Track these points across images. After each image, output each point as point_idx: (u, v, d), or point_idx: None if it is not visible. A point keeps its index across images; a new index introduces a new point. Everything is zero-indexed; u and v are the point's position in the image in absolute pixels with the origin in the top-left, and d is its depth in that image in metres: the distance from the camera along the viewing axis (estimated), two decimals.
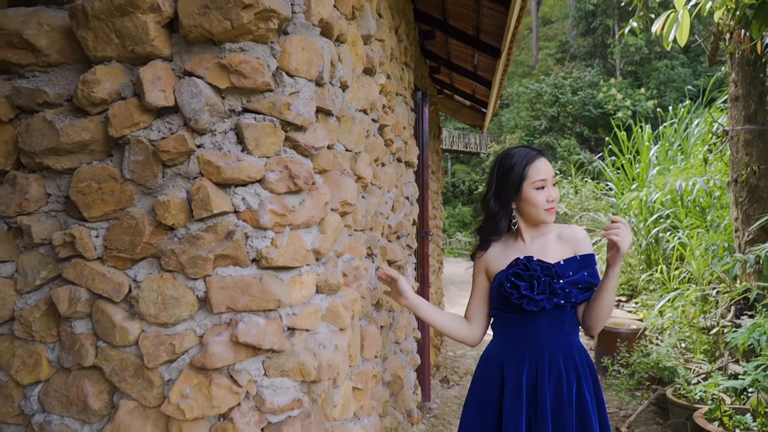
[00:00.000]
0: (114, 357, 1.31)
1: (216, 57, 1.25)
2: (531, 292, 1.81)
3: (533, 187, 1.89)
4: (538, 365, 1.88)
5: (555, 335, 1.89)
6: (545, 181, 1.89)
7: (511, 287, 1.84)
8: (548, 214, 1.92)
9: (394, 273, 1.99)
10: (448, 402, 4.86)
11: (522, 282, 1.83)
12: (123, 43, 1.25)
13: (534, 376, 1.88)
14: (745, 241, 4.72)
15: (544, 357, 1.88)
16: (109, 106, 1.27)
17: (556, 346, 1.89)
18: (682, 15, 3.03)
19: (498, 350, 1.98)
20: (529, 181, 1.89)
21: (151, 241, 1.29)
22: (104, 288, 1.30)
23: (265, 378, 1.31)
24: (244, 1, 1.19)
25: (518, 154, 1.94)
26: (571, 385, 1.86)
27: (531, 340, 1.90)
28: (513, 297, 1.83)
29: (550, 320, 1.88)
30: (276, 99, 1.28)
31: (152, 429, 1.30)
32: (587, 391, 1.89)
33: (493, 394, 1.95)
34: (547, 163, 1.92)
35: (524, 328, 1.91)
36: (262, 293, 1.27)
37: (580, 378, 1.89)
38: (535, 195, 1.89)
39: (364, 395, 1.96)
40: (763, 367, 3.37)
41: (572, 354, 1.91)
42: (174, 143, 1.25)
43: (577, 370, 1.89)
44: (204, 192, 1.25)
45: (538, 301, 1.82)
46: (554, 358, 1.88)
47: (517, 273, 1.85)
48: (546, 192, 1.89)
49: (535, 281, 1.82)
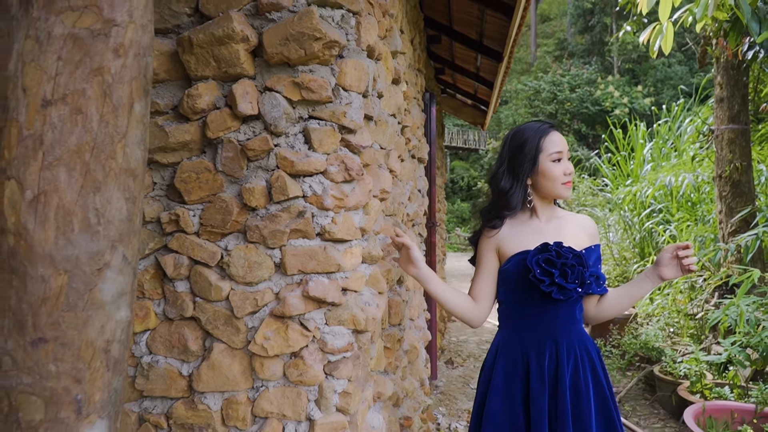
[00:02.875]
0: (209, 309, 1.68)
1: (291, 76, 1.62)
2: (564, 280, 1.75)
3: (549, 159, 1.86)
4: (558, 354, 1.84)
5: (571, 324, 1.88)
6: (561, 153, 1.86)
7: (542, 274, 1.77)
8: (565, 188, 1.88)
9: (408, 240, 1.91)
10: (453, 380, 5.24)
11: (554, 269, 1.76)
12: (219, 66, 1.62)
13: (554, 364, 1.84)
14: (728, 232, 5.10)
15: (563, 345, 1.85)
16: (207, 114, 1.64)
17: (573, 335, 1.87)
18: (666, 27, 3.40)
19: (517, 341, 1.91)
20: (545, 154, 1.86)
21: (238, 219, 1.66)
22: (201, 255, 1.67)
23: (326, 326, 1.68)
24: (315, 35, 1.56)
25: (530, 128, 1.90)
26: (587, 371, 1.85)
27: (551, 329, 1.86)
28: (544, 284, 1.76)
29: (567, 309, 1.86)
30: (335, 109, 1.65)
31: (238, 365, 1.67)
32: (602, 375, 1.88)
33: (519, 386, 1.88)
34: (561, 135, 1.89)
35: (543, 318, 1.87)
36: (325, 259, 1.64)
37: (594, 363, 1.88)
38: (552, 167, 1.86)
39: (392, 354, 2.34)
40: (738, 343, 3.75)
41: (584, 341, 1.90)
42: (258, 143, 1.62)
43: (590, 356, 1.88)
44: (281, 181, 1.61)
45: (569, 291, 1.77)
46: (571, 347, 1.86)
47: (549, 259, 1.77)
48: (563, 165, 1.86)
49: (569, 269, 1.76)
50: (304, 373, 1.64)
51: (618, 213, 8.78)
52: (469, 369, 5.63)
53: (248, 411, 1.68)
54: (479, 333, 7.10)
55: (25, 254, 0.90)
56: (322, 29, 1.56)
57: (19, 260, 0.90)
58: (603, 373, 1.89)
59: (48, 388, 0.92)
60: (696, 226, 6.55)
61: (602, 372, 1.89)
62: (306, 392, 1.67)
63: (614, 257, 8.71)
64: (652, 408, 4.53)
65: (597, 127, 25.31)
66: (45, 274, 0.90)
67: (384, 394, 2.11)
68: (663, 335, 5.14)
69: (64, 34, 0.89)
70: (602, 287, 1.90)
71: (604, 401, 1.85)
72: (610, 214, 9.45)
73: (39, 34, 0.88)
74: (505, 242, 1.92)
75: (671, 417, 4.28)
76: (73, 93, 0.89)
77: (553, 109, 26.20)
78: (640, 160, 9.70)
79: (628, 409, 4.49)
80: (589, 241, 1.92)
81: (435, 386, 4.99)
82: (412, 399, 3.01)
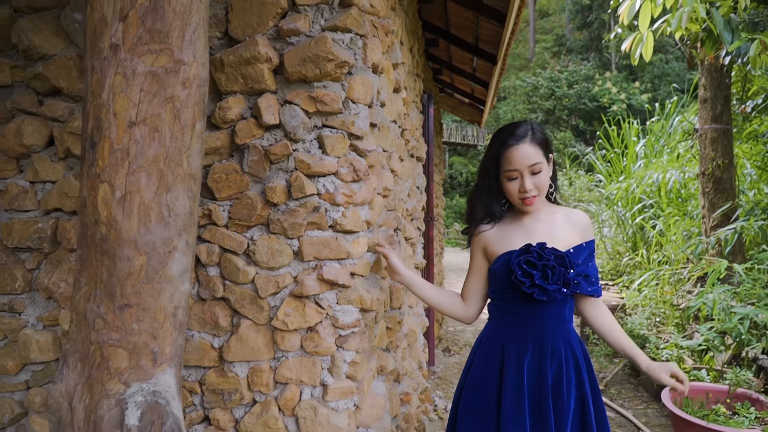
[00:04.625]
0: (237, 291, 1.96)
1: (307, 91, 1.89)
2: (545, 282, 1.75)
3: (505, 176, 1.85)
4: (541, 354, 1.84)
5: (557, 323, 1.86)
6: (516, 172, 1.82)
7: (523, 275, 1.77)
8: (523, 205, 1.87)
9: (386, 250, 2.00)
10: (450, 367, 5.53)
11: (535, 271, 1.76)
12: (245, 82, 1.89)
13: (536, 364, 1.84)
14: (710, 227, 5.38)
15: (547, 346, 1.84)
16: (235, 123, 1.92)
17: (558, 335, 1.85)
18: (646, 36, 3.67)
19: (499, 334, 1.93)
20: (502, 169, 1.85)
21: (262, 213, 1.94)
22: (230, 245, 1.95)
23: (338, 305, 1.96)
24: (329, 57, 1.83)
25: (500, 136, 1.87)
26: (570, 371, 1.85)
27: (535, 329, 1.85)
28: (525, 286, 1.77)
29: (553, 309, 1.84)
30: (345, 118, 1.93)
31: (262, 338, 1.95)
32: (585, 376, 1.87)
33: (493, 375, 1.89)
34: (522, 150, 1.81)
35: (528, 317, 1.86)
36: (337, 247, 1.92)
37: (578, 364, 1.87)
38: (506, 184, 1.86)
39: (393, 334, 2.62)
40: (714, 329, 4.03)
41: (570, 341, 1.88)
42: (279, 148, 1.90)
43: (575, 356, 1.87)
44: (299, 180, 1.89)
45: (551, 292, 1.77)
46: (556, 347, 1.84)
47: (530, 261, 1.77)
48: (518, 183, 1.83)
49: (549, 271, 1.76)
50: (319, 345, 1.93)
51: (611, 209, 9.07)
52: (465, 356, 5.92)
53: (271, 378, 1.96)
54: (475, 324, 7.39)
55: (114, 240, 1.18)
56: (335, 52, 1.84)
57: (110, 244, 1.18)
58: (587, 375, 1.88)
59: (131, 342, 1.19)
60: (683, 221, 6.84)
61: (586, 373, 1.88)
62: (320, 361, 1.95)
63: (608, 251, 9.00)
64: (636, 391, 4.82)
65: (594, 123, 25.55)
66: (130, 255, 1.18)
67: (386, 368, 2.39)
68: (649, 324, 5.42)
69: (145, 71, 1.16)
70: (595, 287, 1.87)
71: (583, 402, 1.85)
72: (605, 209, 9.73)
73: (126, 72, 1.16)
74: (492, 243, 1.93)
75: (653, 399, 4.57)
76: (152, 116, 1.17)
77: (551, 105, 26.45)
78: (633, 157, 9.98)
79: (613, 393, 4.78)
80: (581, 238, 1.89)
81: (433, 372, 5.28)
82: (411, 379, 3.29)
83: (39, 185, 2.08)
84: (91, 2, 1.16)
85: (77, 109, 2.02)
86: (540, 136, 1.85)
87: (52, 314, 2.08)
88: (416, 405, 3.43)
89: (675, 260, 6.05)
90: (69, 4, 1.98)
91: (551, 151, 1.90)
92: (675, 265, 5.94)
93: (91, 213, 1.18)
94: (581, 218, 1.93)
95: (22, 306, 2.11)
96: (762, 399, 3.62)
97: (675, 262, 5.99)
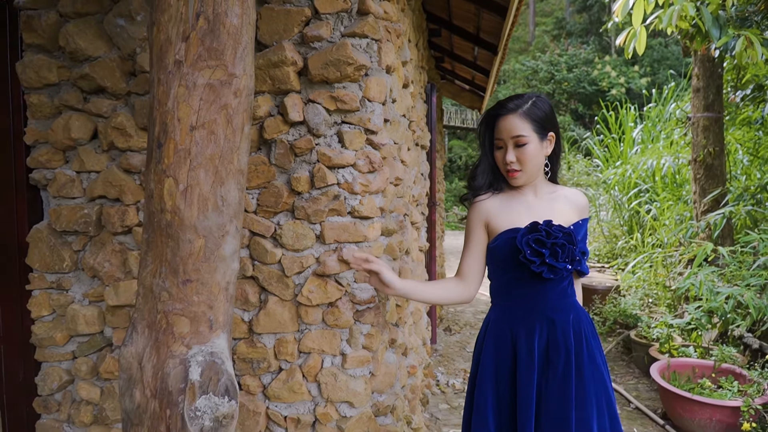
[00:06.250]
0: (265, 270, 2.19)
1: (328, 91, 2.11)
2: (554, 260, 1.75)
3: (495, 145, 1.88)
4: (549, 331, 1.82)
5: (560, 299, 1.85)
6: (501, 141, 1.84)
7: (532, 254, 1.76)
8: (510, 177, 1.87)
9: (376, 266, 1.88)
10: (451, 345, 5.79)
11: (545, 249, 1.75)
12: (273, 83, 2.10)
13: (545, 342, 1.82)
14: (701, 211, 5.61)
15: (554, 322, 1.83)
16: (264, 120, 2.13)
17: (563, 310, 1.85)
18: (639, 31, 3.87)
19: (506, 318, 1.90)
20: (492, 138, 1.88)
21: (287, 201, 2.16)
22: (259, 229, 2.17)
23: (355, 283, 2.19)
24: (349, 61, 2.04)
25: (494, 107, 1.89)
26: (581, 346, 1.83)
27: (541, 306, 1.84)
28: (534, 265, 1.75)
29: (557, 285, 1.84)
30: (362, 115, 2.14)
31: (288, 313, 2.18)
32: (596, 350, 1.87)
33: (506, 365, 1.87)
34: (508, 121, 1.82)
35: (533, 294, 1.84)
36: (355, 231, 2.15)
37: (588, 338, 1.86)
38: (495, 154, 1.89)
39: (402, 311, 2.85)
40: (700, 308, 4.28)
41: (579, 315, 1.88)
42: (303, 143, 2.11)
43: (584, 331, 1.86)
44: (322, 172, 2.11)
45: (559, 270, 1.77)
46: (563, 323, 1.83)
47: (539, 239, 1.76)
48: (503, 153, 1.85)
49: (559, 249, 1.75)
50: (339, 318, 2.16)
51: (609, 193, 9.30)
52: (465, 335, 6.18)
53: (295, 348, 2.20)
54: (474, 304, 7.65)
55: (178, 226, 1.40)
56: (354, 56, 2.05)
57: (174, 229, 1.40)
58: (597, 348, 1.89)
59: (192, 311, 1.42)
60: (677, 206, 7.07)
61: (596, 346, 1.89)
62: (340, 333, 2.19)
63: (604, 235, 9.24)
64: (628, 368, 5.08)
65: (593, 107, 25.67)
66: (191, 238, 1.40)
67: (396, 341, 2.62)
68: (641, 304, 5.68)
69: (204, 83, 1.38)
70: (586, 265, 1.90)
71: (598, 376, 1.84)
72: (603, 193, 9.96)
73: (188, 84, 1.37)
74: (495, 217, 1.90)
75: (644, 375, 4.83)
76: (209, 121, 1.39)
77: (550, 89, 26.56)
78: (630, 143, 10.19)
79: None
80: (578, 215, 1.91)
81: (435, 350, 5.54)
82: (416, 354, 3.54)
83: (84, 175, 2.29)
84: (157, 24, 1.38)
85: (119, 106, 2.23)
86: (537, 112, 1.83)
87: (96, 291, 2.30)
88: (421, 378, 3.68)
89: (668, 243, 6.30)
90: (111, 10, 2.19)
91: (550, 129, 1.86)
92: (668, 248, 6.18)
93: (158, 203, 1.40)
94: (580, 197, 1.95)
95: (69, 283, 2.34)
96: (745, 374, 3.87)
97: (668, 246, 6.24)
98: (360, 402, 2.19)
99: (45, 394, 2.37)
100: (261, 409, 2.22)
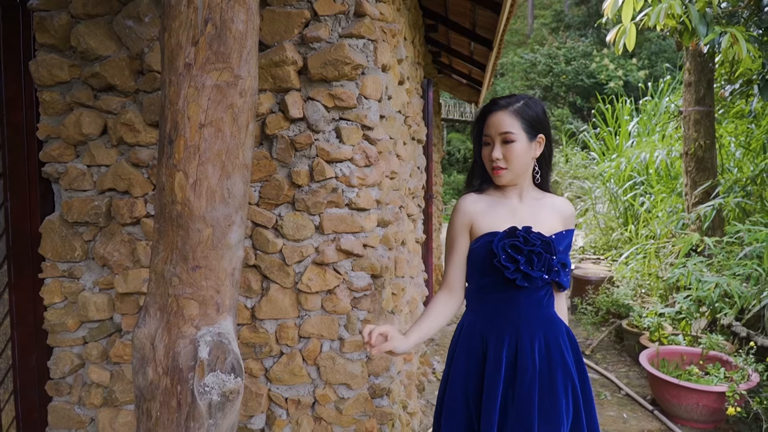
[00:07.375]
0: (266, 259, 2.31)
1: (327, 89, 2.22)
2: (529, 268, 1.70)
3: (483, 141, 1.82)
4: (518, 342, 1.76)
5: (534, 309, 1.78)
6: (489, 137, 1.78)
7: (507, 260, 1.71)
8: (494, 175, 1.80)
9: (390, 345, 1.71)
10: (447, 335, 5.92)
11: (520, 256, 1.70)
12: (274, 82, 2.21)
13: (513, 353, 1.76)
14: (692, 203, 5.73)
15: (525, 333, 1.76)
16: (266, 116, 2.25)
17: (537, 320, 1.78)
18: (629, 28, 3.98)
19: (479, 325, 1.83)
20: (482, 135, 1.82)
21: (288, 193, 2.28)
22: (261, 220, 2.29)
23: (352, 271, 2.31)
24: (346, 61, 2.16)
25: (486, 105, 1.83)
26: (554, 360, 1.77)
27: (511, 316, 1.78)
28: (508, 271, 1.70)
29: (531, 295, 1.77)
30: (359, 112, 2.25)
31: (288, 299, 2.30)
32: (570, 362, 1.81)
33: (475, 370, 1.82)
34: (497, 117, 1.76)
35: (504, 303, 1.78)
36: (352, 222, 2.26)
37: (562, 352, 1.80)
38: (483, 151, 1.83)
39: (398, 299, 2.97)
40: (689, 297, 4.40)
41: (553, 326, 1.82)
42: (303, 138, 2.23)
43: (558, 344, 1.80)
44: (321, 166, 2.23)
45: (534, 279, 1.71)
46: (535, 334, 1.77)
47: (516, 245, 1.71)
48: (489, 149, 1.79)
49: (535, 257, 1.70)
50: (337, 305, 2.28)
51: (604, 185, 9.42)
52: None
53: (296, 333, 2.32)
54: None
55: (188, 216, 1.51)
56: (351, 56, 2.16)
57: (184, 219, 1.52)
58: (572, 359, 1.82)
59: (201, 295, 1.54)
60: (671, 198, 7.19)
61: (570, 357, 1.82)
62: (338, 319, 2.31)
63: (600, 227, 9.37)
64: (619, 356, 5.21)
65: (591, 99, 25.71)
66: (200, 227, 1.52)
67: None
68: (633, 294, 5.80)
69: (212, 84, 1.49)
70: (567, 278, 1.82)
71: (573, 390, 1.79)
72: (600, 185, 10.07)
73: (197, 85, 1.48)
74: (477, 219, 1.84)
75: (635, 363, 4.96)
76: (216, 120, 1.50)
77: (548, 82, 26.60)
78: (626, 135, 10.30)
79: (599, 357, 5.17)
80: (563, 225, 1.85)
81: (431, 340, 5.67)
82: None
83: (94, 168, 2.41)
84: (168, 30, 1.49)
85: (128, 103, 2.34)
86: (528, 111, 1.77)
87: (107, 279, 2.42)
88: (417, 366, 3.81)
89: (661, 235, 6.42)
90: (121, 12, 2.30)
91: (540, 131, 1.80)
92: (660, 240, 6.31)
93: (169, 195, 1.52)
94: (566, 207, 1.88)
95: (80, 272, 2.45)
96: (731, 361, 4.00)
97: (661, 237, 6.36)
98: (357, 384, 2.31)
99: (57, 377, 2.49)
100: (263, 391, 2.35)
